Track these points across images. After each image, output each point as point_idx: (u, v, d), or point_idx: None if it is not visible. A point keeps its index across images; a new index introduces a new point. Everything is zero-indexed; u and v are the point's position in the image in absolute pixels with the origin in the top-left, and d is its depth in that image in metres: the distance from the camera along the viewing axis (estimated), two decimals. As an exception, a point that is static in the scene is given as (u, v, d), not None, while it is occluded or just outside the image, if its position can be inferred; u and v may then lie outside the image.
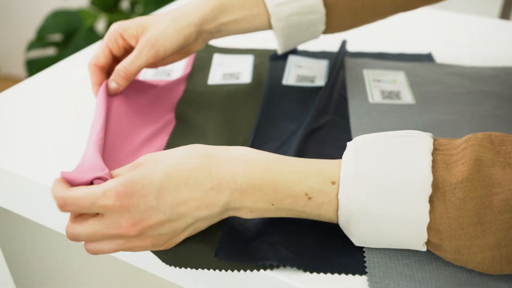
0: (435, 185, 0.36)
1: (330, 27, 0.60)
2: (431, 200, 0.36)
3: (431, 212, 0.36)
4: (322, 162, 0.40)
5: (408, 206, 0.36)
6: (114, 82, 0.55)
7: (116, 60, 0.59)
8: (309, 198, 0.39)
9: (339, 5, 0.58)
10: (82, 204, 0.37)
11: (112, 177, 0.41)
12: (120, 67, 0.54)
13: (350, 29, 0.61)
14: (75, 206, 0.38)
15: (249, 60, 0.72)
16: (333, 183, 0.39)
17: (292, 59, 0.72)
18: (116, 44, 0.56)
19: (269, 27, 0.59)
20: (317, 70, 0.69)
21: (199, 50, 0.60)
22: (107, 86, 0.55)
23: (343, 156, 0.40)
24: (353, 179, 0.37)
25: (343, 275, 0.40)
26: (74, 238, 0.39)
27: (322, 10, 0.57)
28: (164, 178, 0.38)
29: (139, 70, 0.55)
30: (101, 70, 0.56)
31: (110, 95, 0.56)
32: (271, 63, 0.70)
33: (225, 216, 0.41)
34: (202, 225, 0.41)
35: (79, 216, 0.40)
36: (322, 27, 0.59)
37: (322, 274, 0.40)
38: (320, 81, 0.66)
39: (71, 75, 0.69)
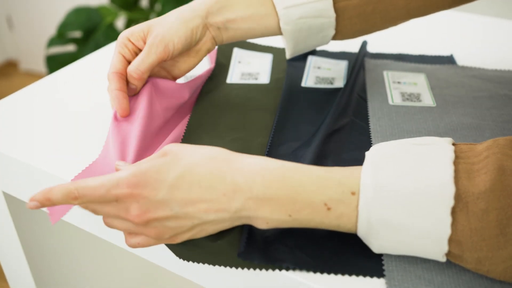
0: (457, 196, 0.35)
1: (340, 33, 0.59)
2: (453, 211, 0.35)
3: (453, 224, 0.35)
4: (342, 171, 0.39)
5: (429, 219, 0.36)
6: (131, 84, 0.55)
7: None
8: (328, 209, 0.38)
9: (349, 10, 0.57)
10: (97, 193, 0.38)
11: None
12: (131, 68, 0.54)
13: (361, 36, 0.60)
14: (90, 197, 0.39)
15: (268, 59, 0.72)
16: (353, 193, 0.38)
17: (311, 60, 0.71)
18: (126, 49, 0.55)
19: (279, 30, 0.58)
20: (336, 71, 0.69)
21: (210, 49, 0.59)
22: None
23: (362, 168, 0.39)
24: (373, 192, 0.37)
25: (360, 277, 0.39)
26: (91, 211, 0.41)
27: (332, 14, 0.56)
28: (178, 177, 0.39)
29: (150, 68, 0.54)
30: (120, 76, 0.55)
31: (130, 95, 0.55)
32: (290, 63, 0.70)
33: (237, 223, 0.41)
34: (210, 229, 0.41)
35: None
36: (332, 32, 0.58)
37: (339, 275, 0.40)
38: (339, 83, 0.66)
39: (91, 73, 0.70)
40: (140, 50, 0.56)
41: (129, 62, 0.56)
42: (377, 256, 0.41)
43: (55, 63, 1.67)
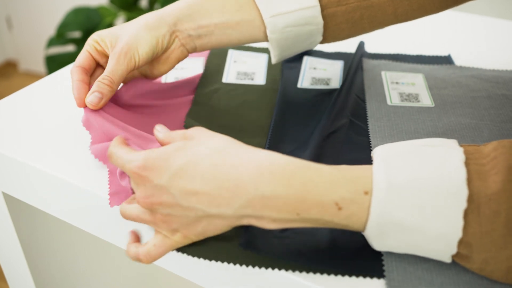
0: (470, 197, 0.35)
1: (328, 38, 0.59)
2: (465, 214, 0.35)
3: (464, 227, 0.35)
4: (352, 169, 0.38)
5: (441, 222, 0.35)
6: (98, 92, 0.51)
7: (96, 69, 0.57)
8: (339, 209, 0.37)
9: (337, 17, 0.56)
10: (118, 162, 0.42)
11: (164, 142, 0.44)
12: (103, 76, 0.52)
13: (349, 39, 0.60)
14: (113, 162, 0.43)
15: (263, 59, 0.72)
16: (366, 193, 0.37)
17: (306, 61, 0.71)
18: (94, 49, 0.54)
19: (263, 38, 0.57)
20: (332, 72, 0.69)
21: (180, 58, 0.57)
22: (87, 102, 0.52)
23: (373, 167, 0.38)
24: (386, 193, 0.36)
25: (360, 277, 0.40)
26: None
27: (320, 21, 0.55)
28: (181, 166, 0.38)
29: (121, 78, 0.53)
30: (83, 70, 0.54)
31: (94, 108, 0.52)
32: (285, 64, 0.70)
33: (244, 222, 0.39)
34: (218, 223, 0.40)
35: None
36: (320, 38, 0.58)
37: (339, 276, 0.40)
38: (335, 84, 0.66)
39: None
40: (106, 56, 0.55)
41: (96, 62, 0.55)
42: (377, 256, 0.41)
43: (54, 63, 1.67)
